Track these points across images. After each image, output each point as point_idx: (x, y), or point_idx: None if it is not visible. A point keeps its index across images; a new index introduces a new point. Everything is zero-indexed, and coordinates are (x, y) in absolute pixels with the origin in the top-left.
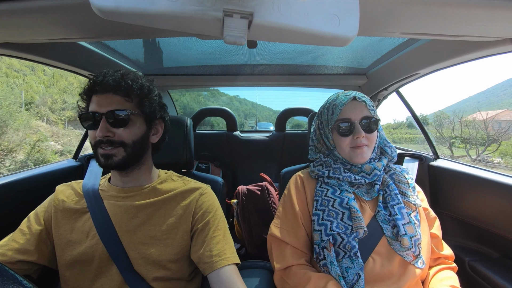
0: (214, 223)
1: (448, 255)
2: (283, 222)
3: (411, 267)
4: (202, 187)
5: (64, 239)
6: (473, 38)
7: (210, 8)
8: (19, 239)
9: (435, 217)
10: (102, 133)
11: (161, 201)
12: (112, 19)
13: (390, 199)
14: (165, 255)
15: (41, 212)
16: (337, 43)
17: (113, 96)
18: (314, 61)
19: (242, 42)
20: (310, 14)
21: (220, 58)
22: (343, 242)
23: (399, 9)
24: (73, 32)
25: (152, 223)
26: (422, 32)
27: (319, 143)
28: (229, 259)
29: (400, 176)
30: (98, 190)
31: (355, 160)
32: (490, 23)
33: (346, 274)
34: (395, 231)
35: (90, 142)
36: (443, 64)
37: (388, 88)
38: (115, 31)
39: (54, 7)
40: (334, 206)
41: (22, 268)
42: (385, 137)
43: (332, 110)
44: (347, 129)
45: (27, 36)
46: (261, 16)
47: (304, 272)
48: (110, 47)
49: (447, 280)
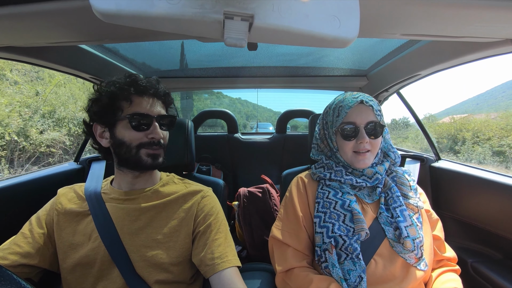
0: (215, 225)
1: (451, 257)
2: (285, 224)
3: (413, 270)
4: (204, 190)
5: (67, 242)
6: (473, 39)
7: (211, 11)
8: (21, 243)
9: (438, 219)
10: (160, 135)
11: (163, 204)
12: (113, 22)
13: (392, 201)
14: (167, 258)
15: (43, 215)
16: (338, 45)
17: (157, 101)
18: (315, 63)
19: (242, 44)
20: (310, 16)
21: (221, 60)
22: (345, 244)
23: (400, 11)
24: (75, 35)
25: (154, 226)
26: (422, 33)
27: (323, 143)
28: (231, 261)
29: (402, 178)
30: (100, 193)
31: (357, 165)
32: (491, 24)
33: (348, 277)
34: (397, 233)
35: (129, 143)
36: (444, 65)
37: (389, 90)
38: (117, 34)
39: (56, 11)
40: (336, 208)
41: (24, 272)
42: (390, 141)
43: (338, 112)
44: (351, 133)
45: (29, 40)
46: (262, 18)
47: (306, 274)
48: (111, 49)
49: (450, 282)
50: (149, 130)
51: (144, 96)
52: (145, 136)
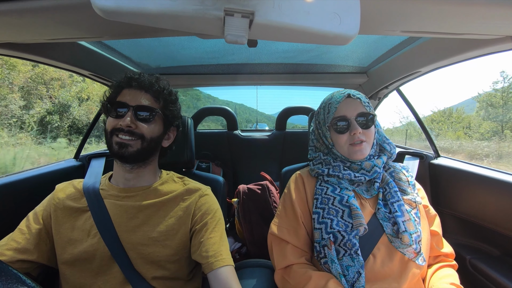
0: (211, 224)
1: (448, 253)
2: (283, 221)
3: (411, 265)
4: (202, 188)
5: (65, 238)
6: (473, 36)
7: (211, 8)
8: (18, 239)
9: (435, 215)
10: (127, 122)
11: (161, 202)
12: (113, 19)
13: (390, 197)
14: (163, 256)
15: (40, 211)
16: (338, 42)
17: (145, 94)
18: (315, 60)
19: (243, 41)
20: (311, 12)
21: (221, 57)
22: (343, 240)
23: (400, 8)
24: (74, 32)
25: (151, 224)
26: (422, 30)
27: (318, 142)
28: (225, 260)
29: (399, 174)
30: (99, 189)
31: (354, 156)
32: (491, 21)
33: (346, 272)
34: (395, 229)
35: (106, 129)
36: (444, 62)
37: (388, 87)
38: (116, 31)
39: (55, 7)
40: (334, 204)
41: (22, 267)
42: (383, 133)
43: (328, 109)
44: (343, 126)
45: (28, 36)
46: (262, 15)
47: (305, 271)
48: (110, 46)
49: (447, 277)
50: (122, 118)
51: (131, 88)
52: (118, 123)
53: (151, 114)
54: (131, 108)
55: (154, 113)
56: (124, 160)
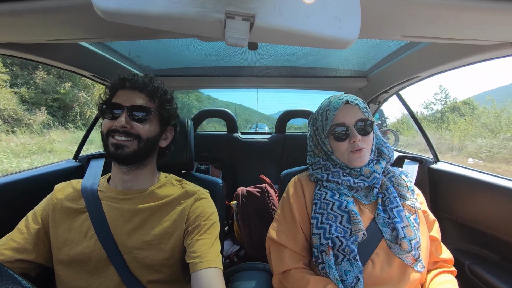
0: (204, 227)
1: (447, 259)
2: (282, 226)
3: (410, 271)
4: (199, 191)
5: (61, 238)
6: (473, 41)
7: (212, 10)
8: (17, 238)
9: (434, 220)
10: (121, 123)
11: (157, 206)
12: (114, 20)
13: (389, 202)
14: (158, 260)
15: (39, 211)
16: (338, 46)
17: (140, 94)
18: (315, 63)
19: (243, 44)
20: (311, 16)
21: (221, 60)
22: (342, 246)
23: (400, 12)
24: (75, 33)
25: (146, 228)
26: (422, 35)
27: (317, 149)
28: (210, 262)
29: (399, 179)
30: (97, 191)
31: (354, 164)
32: (491, 26)
33: (345, 277)
34: (395, 234)
35: (102, 132)
36: (444, 67)
37: (388, 91)
38: (117, 33)
39: (57, 8)
40: (333, 209)
41: (20, 267)
42: (381, 137)
43: (326, 115)
44: (342, 134)
45: (29, 37)
46: (263, 18)
47: (303, 275)
48: (111, 47)
49: (446, 283)
50: (117, 119)
51: (125, 89)
52: (113, 125)
53: (146, 113)
54: (126, 108)
55: (149, 112)
56: (121, 161)
